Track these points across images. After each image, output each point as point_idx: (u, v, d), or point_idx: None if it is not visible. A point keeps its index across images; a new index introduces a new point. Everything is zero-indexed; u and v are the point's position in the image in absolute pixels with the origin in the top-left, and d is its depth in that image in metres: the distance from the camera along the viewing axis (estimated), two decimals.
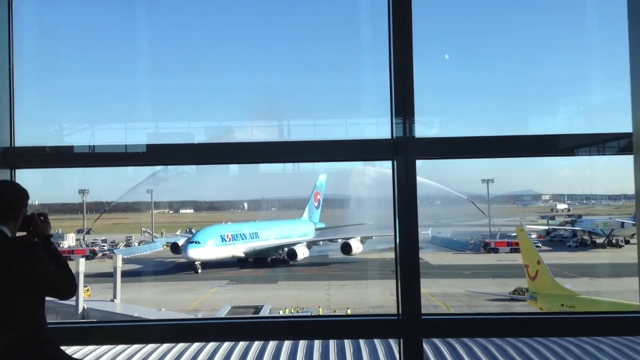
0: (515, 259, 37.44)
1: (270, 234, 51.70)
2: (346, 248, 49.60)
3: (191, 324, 6.31)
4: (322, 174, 61.20)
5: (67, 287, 3.66)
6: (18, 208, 3.73)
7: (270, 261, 50.63)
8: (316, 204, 61.80)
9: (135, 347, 6.37)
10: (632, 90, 2.48)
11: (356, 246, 49.56)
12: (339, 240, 51.16)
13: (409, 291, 4.87)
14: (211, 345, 6.37)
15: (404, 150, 4.88)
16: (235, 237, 48.94)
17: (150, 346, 6.39)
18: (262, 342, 6.51)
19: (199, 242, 45.72)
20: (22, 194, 3.81)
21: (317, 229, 59.50)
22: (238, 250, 48.80)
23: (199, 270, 46.06)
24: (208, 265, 46.83)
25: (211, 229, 49.91)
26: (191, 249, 45.29)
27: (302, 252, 49.69)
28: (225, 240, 47.74)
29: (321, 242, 54.66)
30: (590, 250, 51.02)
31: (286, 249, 50.31)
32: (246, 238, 49.84)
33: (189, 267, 46.32)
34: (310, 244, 52.70)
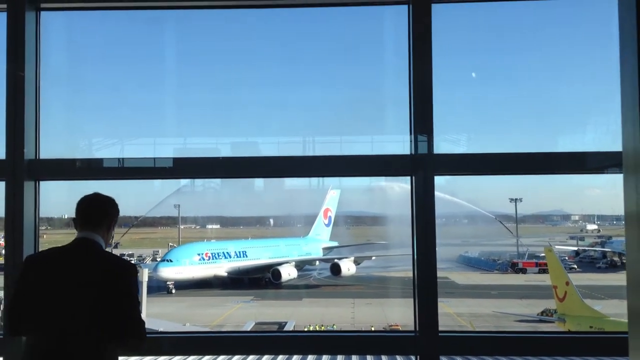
0: (544, 280, 36.92)
1: (261, 253, 49.20)
2: (336, 269, 47.58)
3: (217, 336, 6.39)
4: (333, 190, 58.62)
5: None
6: (111, 217, 3.78)
7: (264, 282, 47.81)
8: (326, 221, 58.94)
9: (161, 359, 6.41)
10: (622, 108, 2.50)
11: (347, 267, 47.42)
12: (335, 260, 48.82)
13: (426, 308, 4.88)
14: (236, 358, 6.41)
15: (422, 167, 4.90)
16: (216, 255, 46.33)
17: (176, 359, 6.44)
18: (286, 357, 6.54)
19: (171, 261, 43.14)
20: (114, 201, 3.86)
21: (326, 248, 56.68)
22: (220, 269, 46.17)
23: (173, 291, 43.23)
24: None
25: (189, 246, 47.56)
26: (162, 268, 42.58)
27: (287, 273, 46.96)
28: (204, 259, 45.06)
29: (317, 263, 52.39)
30: (621, 272, 50.16)
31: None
32: (231, 257, 47.28)
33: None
34: (302, 264, 50.44)
